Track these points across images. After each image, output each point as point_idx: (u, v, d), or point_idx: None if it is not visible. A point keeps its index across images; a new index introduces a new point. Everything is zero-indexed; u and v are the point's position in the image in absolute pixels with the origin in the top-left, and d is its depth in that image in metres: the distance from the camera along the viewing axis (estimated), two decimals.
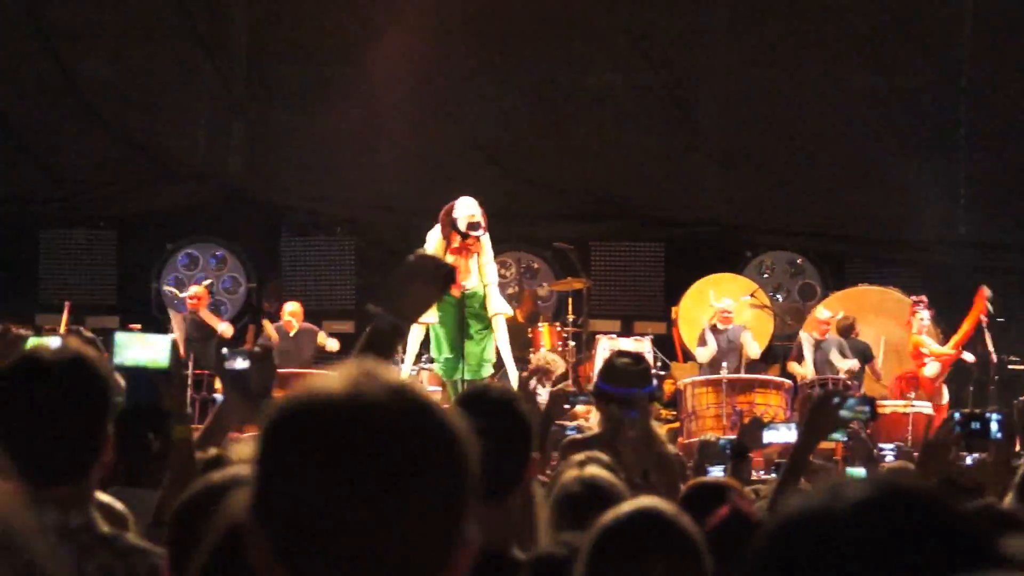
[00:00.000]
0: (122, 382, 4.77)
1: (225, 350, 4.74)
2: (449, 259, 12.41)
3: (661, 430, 4.73)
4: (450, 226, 12.52)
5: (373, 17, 17.17)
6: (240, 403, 4.59)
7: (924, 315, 15.23)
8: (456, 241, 12.54)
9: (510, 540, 3.25)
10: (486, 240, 12.80)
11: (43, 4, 17.61)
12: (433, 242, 12.62)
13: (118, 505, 3.58)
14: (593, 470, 3.72)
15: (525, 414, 3.72)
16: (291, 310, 15.11)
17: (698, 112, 18.21)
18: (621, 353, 4.91)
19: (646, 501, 2.98)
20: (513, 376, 13.31)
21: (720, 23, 17.84)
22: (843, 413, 4.57)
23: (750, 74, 17.85)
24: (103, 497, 3.44)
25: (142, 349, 4.19)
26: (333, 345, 15.00)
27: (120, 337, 4.26)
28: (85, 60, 17.75)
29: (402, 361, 13.66)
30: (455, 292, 12.61)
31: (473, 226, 12.45)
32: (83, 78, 17.65)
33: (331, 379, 1.67)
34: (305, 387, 1.67)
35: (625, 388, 4.52)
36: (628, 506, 2.93)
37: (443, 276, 3.20)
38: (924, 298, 15.36)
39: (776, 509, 1.66)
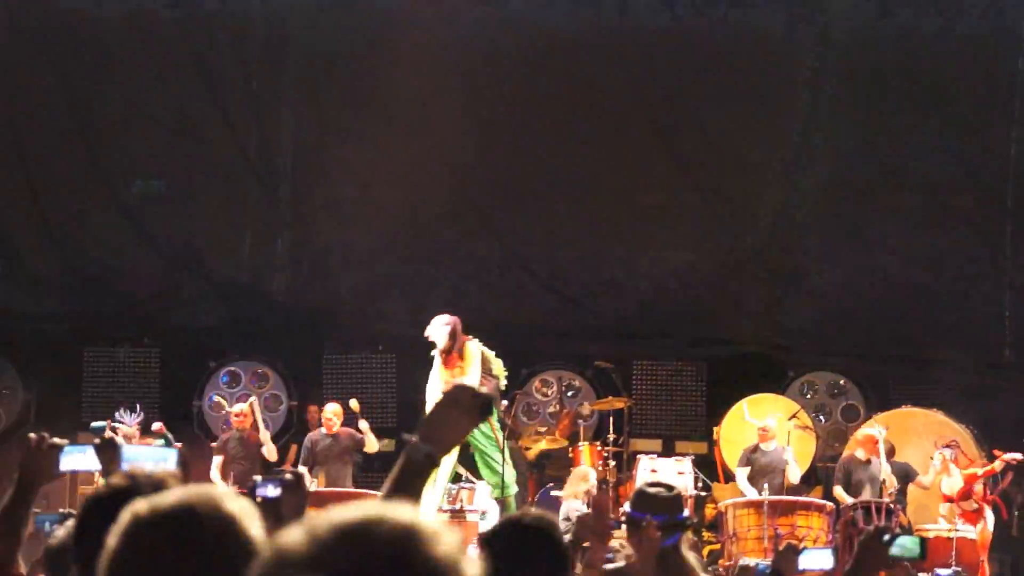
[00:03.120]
0: None
1: (256, 477, 4.75)
2: (445, 375, 12.75)
3: (693, 559, 4.68)
4: None
5: (416, 136, 17.33)
6: (272, 531, 4.56)
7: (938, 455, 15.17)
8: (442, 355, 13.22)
9: None
10: (470, 351, 13.32)
11: (94, 123, 17.85)
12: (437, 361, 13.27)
13: None
14: None
15: (560, 541, 3.71)
16: (333, 410, 15.10)
17: (743, 233, 18.25)
18: (652, 483, 4.88)
19: None
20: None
21: (768, 149, 17.92)
22: (893, 551, 4.50)
23: (797, 197, 17.89)
24: None
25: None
26: (364, 427, 14.86)
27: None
28: (133, 178, 17.95)
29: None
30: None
31: (432, 344, 13.22)
32: (130, 196, 17.84)
33: None
34: None
35: (657, 516, 4.48)
36: None
37: (479, 406, 3.18)
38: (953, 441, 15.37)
39: None
